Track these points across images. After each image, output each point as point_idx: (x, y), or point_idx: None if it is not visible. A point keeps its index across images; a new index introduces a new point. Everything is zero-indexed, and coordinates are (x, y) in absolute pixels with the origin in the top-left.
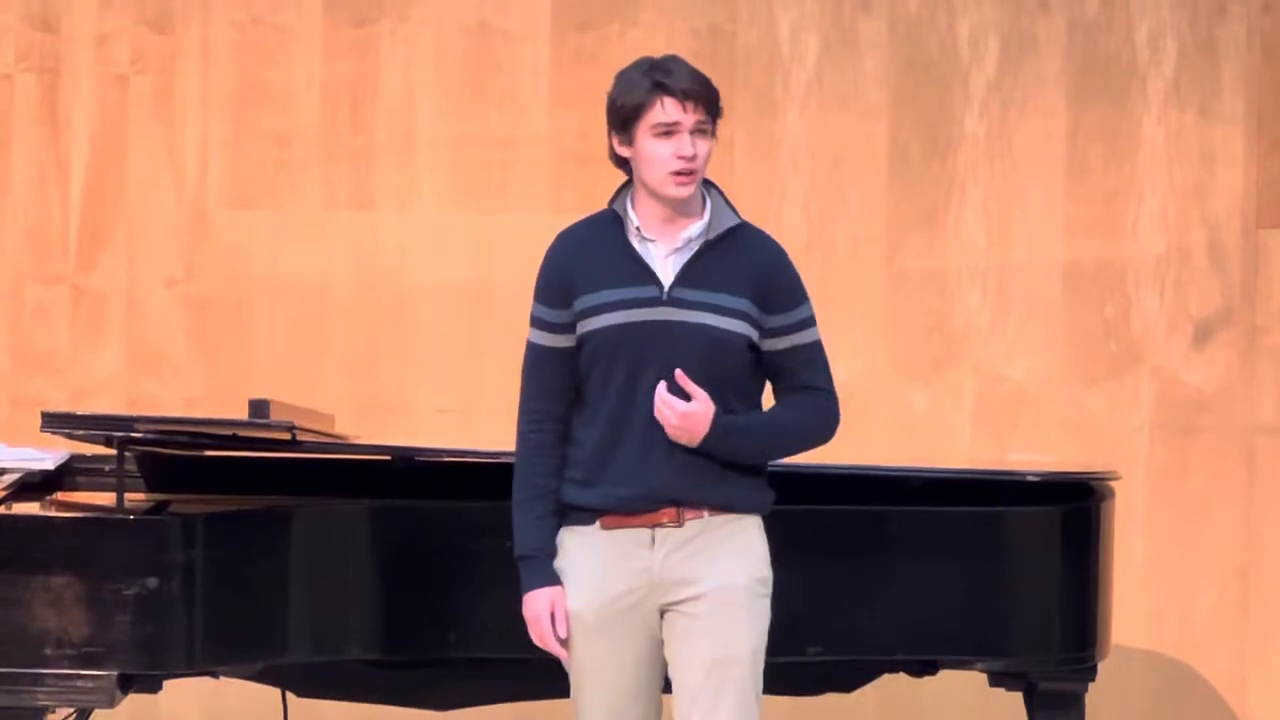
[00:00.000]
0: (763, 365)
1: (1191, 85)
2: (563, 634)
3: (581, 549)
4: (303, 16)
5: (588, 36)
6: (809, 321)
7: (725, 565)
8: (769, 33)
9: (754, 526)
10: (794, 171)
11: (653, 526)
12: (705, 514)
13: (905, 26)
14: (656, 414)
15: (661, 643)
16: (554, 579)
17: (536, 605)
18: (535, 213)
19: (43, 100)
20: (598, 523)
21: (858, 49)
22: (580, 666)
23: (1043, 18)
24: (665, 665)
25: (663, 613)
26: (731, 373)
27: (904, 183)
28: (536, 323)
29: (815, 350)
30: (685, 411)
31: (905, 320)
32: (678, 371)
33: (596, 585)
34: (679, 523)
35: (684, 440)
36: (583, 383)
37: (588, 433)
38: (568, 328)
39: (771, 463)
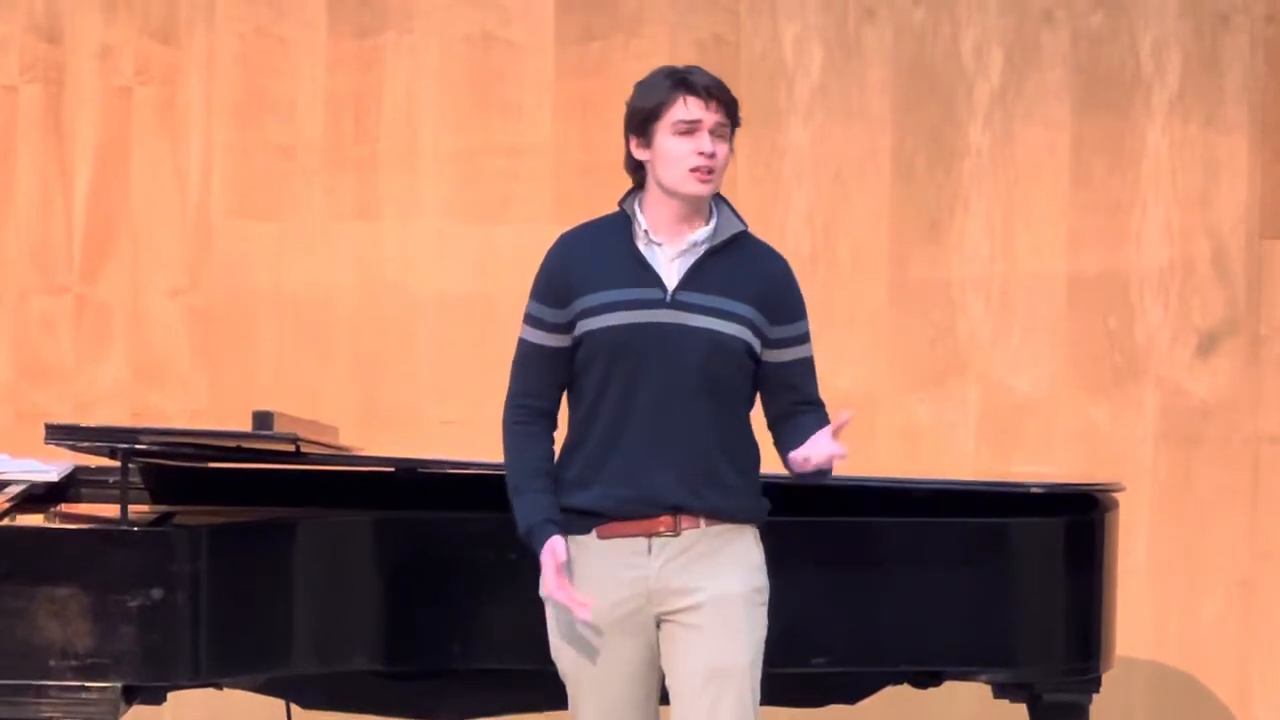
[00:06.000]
0: (758, 375)
1: (1195, 96)
2: (563, 584)
3: (578, 558)
4: (306, 27)
5: (591, 47)
6: (809, 335)
7: (723, 575)
8: (772, 43)
9: (750, 535)
10: (797, 182)
11: (649, 535)
12: (702, 523)
13: (909, 37)
14: (812, 460)
15: (658, 652)
16: (556, 532)
17: (543, 559)
18: (539, 223)
19: (47, 111)
20: (594, 532)
21: (862, 60)
22: (577, 675)
23: (1047, 28)
24: (661, 675)
25: (659, 622)
26: (732, 377)
27: (908, 194)
28: (531, 320)
29: (813, 365)
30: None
31: (909, 331)
32: (843, 415)
33: (595, 593)
34: (676, 532)
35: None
36: (578, 382)
37: (584, 433)
38: (564, 328)
39: (766, 475)
